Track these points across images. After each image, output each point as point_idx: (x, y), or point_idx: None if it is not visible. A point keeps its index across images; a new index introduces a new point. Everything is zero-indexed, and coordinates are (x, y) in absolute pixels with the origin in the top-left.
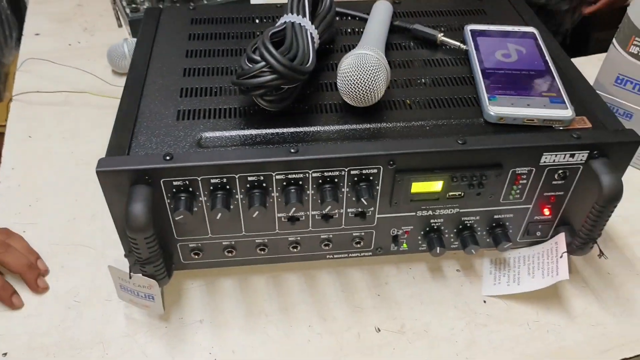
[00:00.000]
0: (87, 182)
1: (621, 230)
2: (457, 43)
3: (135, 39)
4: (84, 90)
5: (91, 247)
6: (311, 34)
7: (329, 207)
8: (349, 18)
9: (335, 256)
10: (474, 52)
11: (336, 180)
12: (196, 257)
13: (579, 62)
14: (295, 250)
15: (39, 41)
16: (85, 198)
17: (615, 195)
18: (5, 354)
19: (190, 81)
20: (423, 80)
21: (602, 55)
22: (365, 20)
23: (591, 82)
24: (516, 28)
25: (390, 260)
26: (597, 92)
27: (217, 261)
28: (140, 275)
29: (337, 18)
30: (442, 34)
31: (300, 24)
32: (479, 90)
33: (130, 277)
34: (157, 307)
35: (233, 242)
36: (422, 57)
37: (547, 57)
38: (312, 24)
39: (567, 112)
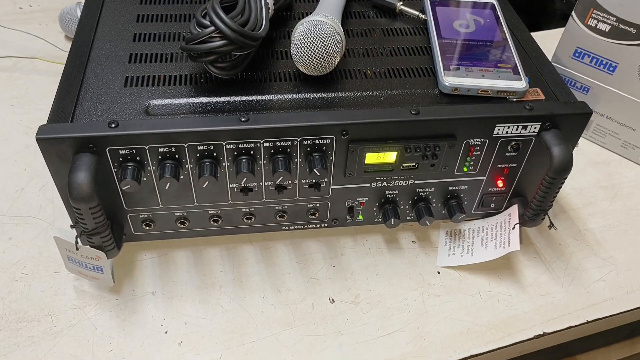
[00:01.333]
0: (36, 152)
1: (574, 202)
2: (416, 12)
3: None
4: (34, 55)
5: (40, 218)
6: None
7: (281, 177)
8: None
9: (290, 227)
10: (432, 21)
11: (288, 150)
12: (147, 228)
13: (542, 35)
14: (249, 221)
15: None
16: (35, 168)
17: (565, 167)
18: None
19: (140, 47)
20: (380, 49)
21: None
22: None
23: (551, 55)
24: None
25: (347, 231)
26: (556, 65)
27: (169, 232)
28: (88, 246)
29: None
30: (401, 3)
31: None
32: (435, 61)
33: (77, 249)
34: (107, 279)
35: (185, 213)
36: (381, 26)
37: (505, 29)
38: None
39: (521, 84)
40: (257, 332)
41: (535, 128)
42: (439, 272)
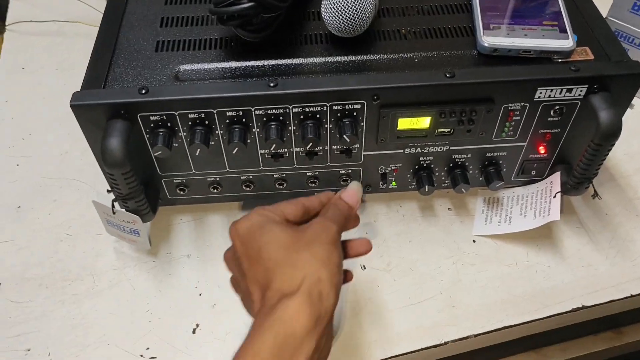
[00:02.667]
0: None
1: (625, 169)
2: None
3: None
4: (76, 19)
5: (82, 181)
6: None
7: (311, 143)
8: None
9: None
10: None
11: (318, 115)
12: (182, 192)
13: None
14: (281, 187)
15: None
16: (78, 132)
17: (612, 133)
18: None
19: (172, 9)
20: (416, 7)
21: None
22: None
23: (607, 8)
24: None
25: (381, 198)
26: (612, 19)
27: (203, 197)
28: (124, 210)
29: None
30: None
31: None
32: (474, 19)
33: (113, 213)
34: (143, 242)
35: (218, 179)
36: None
37: None
38: None
39: (567, 43)
40: None
41: (581, 91)
42: (474, 241)
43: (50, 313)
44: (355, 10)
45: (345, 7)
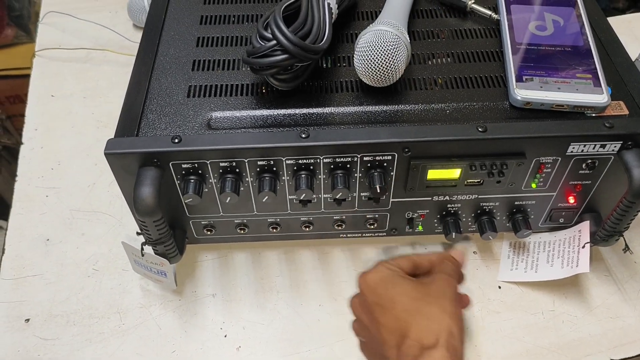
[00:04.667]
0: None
1: None
2: (489, 12)
3: None
4: (104, 46)
5: (110, 214)
6: (329, 4)
7: (340, 194)
8: None
9: (348, 235)
10: (506, 22)
11: (348, 166)
12: (209, 233)
13: (629, 19)
14: (307, 229)
15: None
16: (105, 162)
17: None
18: (27, 320)
19: (203, 52)
20: (448, 53)
21: None
22: None
23: (637, 49)
24: None
25: (405, 239)
26: None
27: (229, 237)
28: (152, 253)
29: None
30: (472, 1)
31: None
32: (506, 69)
33: (142, 255)
34: (170, 282)
35: (245, 221)
36: (449, 27)
37: (587, 29)
38: None
39: (602, 98)
40: (313, 341)
41: (614, 147)
42: (499, 287)
43: (77, 352)
44: (389, 63)
45: (378, 59)
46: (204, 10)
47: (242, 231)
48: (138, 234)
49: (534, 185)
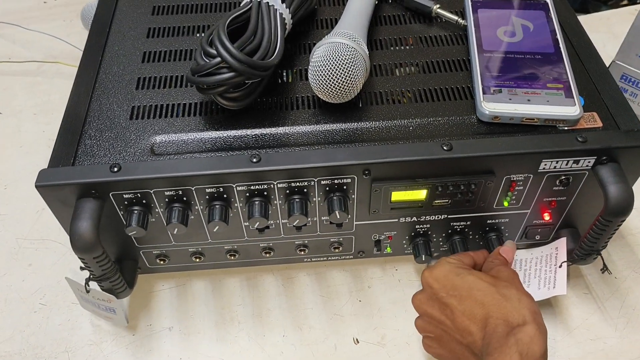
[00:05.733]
0: None
1: (635, 225)
2: (455, 17)
3: None
4: (57, 58)
5: (60, 242)
6: (281, 14)
7: (297, 220)
8: None
9: (313, 260)
10: (473, 29)
11: (305, 190)
12: (162, 263)
13: (607, 15)
14: (268, 255)
15: None
16: None
17: (622, 209)
18: None
19: (149, 69)
20: (412, 64)
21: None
22: None
23: (616, 48)
24: None
25: (375, 260)
26: (619, 63)
27: (185, 265)
28: (98, 289)
29: None
30: (438, 6)
31: (267, 3)
32: (474, 80)
33: (87, 292)
34: (120, 319)
35: (200, 249)
36: (414, 34)
37: (558, 34)
38: (282, 1)
39: (574, 110)
40: None
41: (589, 162)
42: None
43: None
44: (345, 78)
45: (333, 74)
46: (151, 22)
47: (197, 259)
48: (82, 268)
49: (506, 204)
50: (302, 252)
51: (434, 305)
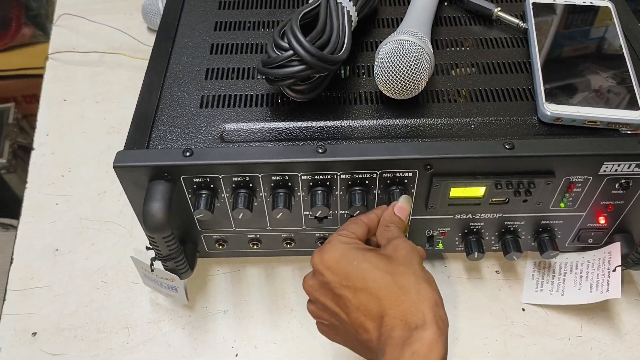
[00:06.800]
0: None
1: None
2: (516, 20)
3: None
4: (118, 49)
5: (120, 224)
6: (348, 12)
7: (358, 211)
8: None
9: None
10: (534, 32)
11: (367, 182)
12: (221, 247)
13: None
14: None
15: None
16: None
17: None
18: (34, 334)
19: (217, 60)
20: (472, 63)
21: None
22: None
23: None
24: (587, 1)
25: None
26: None
27: (242, 251)
28: (162, 268)
29: None
30: (499, 9)
31: (336, 0)
32: (535, 82)
33: (152, 270)
34: (181, 297)
35: (258, 236)
36: (474, 35)
37: (622, 40)
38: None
39: (638, 114)
40: None
41: None
42: (523, 309)
43: None
44: (411, 75)
45: (400, 71)
46: (218, 16)
47: (255, 246)
48: (148, 248)
49: (562, 205)
50: None
51: (327, 294)
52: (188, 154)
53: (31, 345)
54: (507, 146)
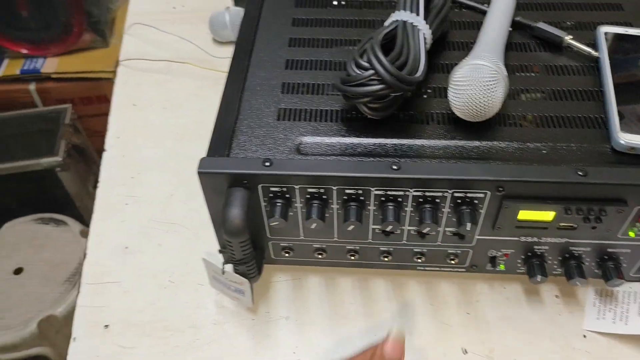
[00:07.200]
0: (182, 159)
1: None
2: (587, 48)
3: (237, 8)
4: (185, 59)
5: (186, 227)
6: (424, 34)
7: (428, 228)
8: (464, 9)
9: (427, 268)
10: (607, 60)
11: (437, 200)
12: (286, 255)
13: None
14: (386, 259)
15: (145, 1)
16: (182, 175)
17: None
18: (106, 326)
19: (292, 75)
20: (542, 91)
21: None
22: (484, 13)
23: None
24: None
25: (483, 276)
26: None
27: (306, 260)
28: (232, 272)
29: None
30: (570, 37)
31: (412, 23)
32: (608, 110)
33: (223, 273)
34: (247, 301)
35: (324, 246)
36: (543, 62)
37: None
38: (425, 21)
39: None
40: None
41: None
42: (585, 336)
43: None
44: (487, 99)
45: (476, 95)
46: (292, 33)
47: (319, 255)
48: (220, 251)
49: (632, 234)
50: (418, 260)
51: None
52: (268, 164)
53: (103, 337)
54: (580, 173)
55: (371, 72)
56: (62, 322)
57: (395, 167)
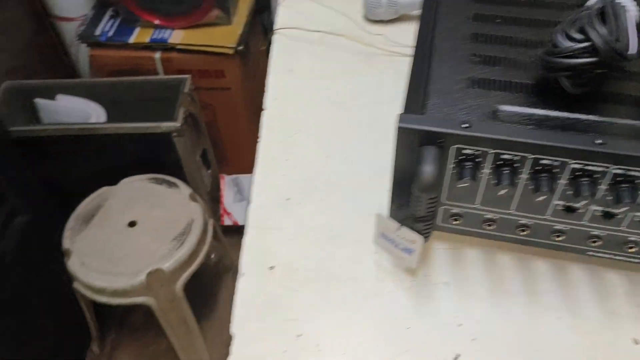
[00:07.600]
0: (339, 124)
1: None
2: None
3: None
4: (337, 31)
5: (346, 186)
6: (634, 13)
7: (624, 209)
8: None
9: (598, 254)
10: None
11: (637, 181)
12: (454, 222)
13: None
14: (556, 239)
15: None
16: (338, 138)
17: None
18: (272, 267)
19: (478, 48)
20: None
21: None
22: None
23: None
24: None
25: None
26: None
27: (471, 230)
28: (408, 229)
29: None
30: None
31: (620, 2)
32: None
33: (399, 229)
34: (412, 260)
35: (496, 217)
36: None
37: None
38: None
39: None
40: (551, 353)
41: None
42: None
43: (319, 306)
44: None
45: None
46: (476, 9)
47: (488, 226)
48: (394, 210)
49: None
50: (592, 244)
51: None
52: (466, 125)
53: (269, 276)
54: None
55: (585, 44)
56: (168, 277)
57: (599, 141)
